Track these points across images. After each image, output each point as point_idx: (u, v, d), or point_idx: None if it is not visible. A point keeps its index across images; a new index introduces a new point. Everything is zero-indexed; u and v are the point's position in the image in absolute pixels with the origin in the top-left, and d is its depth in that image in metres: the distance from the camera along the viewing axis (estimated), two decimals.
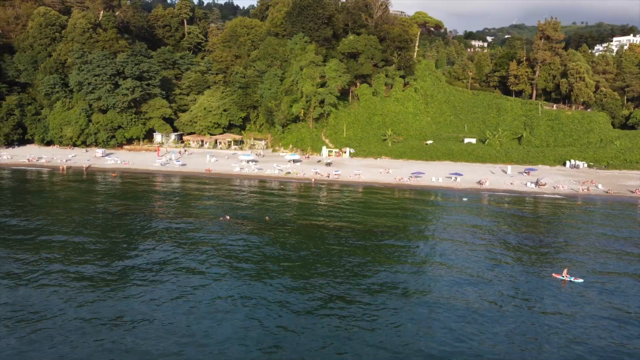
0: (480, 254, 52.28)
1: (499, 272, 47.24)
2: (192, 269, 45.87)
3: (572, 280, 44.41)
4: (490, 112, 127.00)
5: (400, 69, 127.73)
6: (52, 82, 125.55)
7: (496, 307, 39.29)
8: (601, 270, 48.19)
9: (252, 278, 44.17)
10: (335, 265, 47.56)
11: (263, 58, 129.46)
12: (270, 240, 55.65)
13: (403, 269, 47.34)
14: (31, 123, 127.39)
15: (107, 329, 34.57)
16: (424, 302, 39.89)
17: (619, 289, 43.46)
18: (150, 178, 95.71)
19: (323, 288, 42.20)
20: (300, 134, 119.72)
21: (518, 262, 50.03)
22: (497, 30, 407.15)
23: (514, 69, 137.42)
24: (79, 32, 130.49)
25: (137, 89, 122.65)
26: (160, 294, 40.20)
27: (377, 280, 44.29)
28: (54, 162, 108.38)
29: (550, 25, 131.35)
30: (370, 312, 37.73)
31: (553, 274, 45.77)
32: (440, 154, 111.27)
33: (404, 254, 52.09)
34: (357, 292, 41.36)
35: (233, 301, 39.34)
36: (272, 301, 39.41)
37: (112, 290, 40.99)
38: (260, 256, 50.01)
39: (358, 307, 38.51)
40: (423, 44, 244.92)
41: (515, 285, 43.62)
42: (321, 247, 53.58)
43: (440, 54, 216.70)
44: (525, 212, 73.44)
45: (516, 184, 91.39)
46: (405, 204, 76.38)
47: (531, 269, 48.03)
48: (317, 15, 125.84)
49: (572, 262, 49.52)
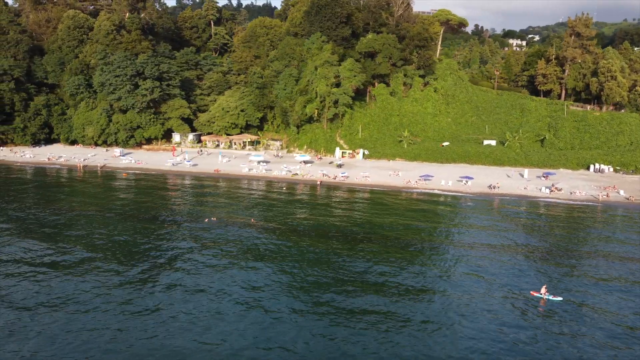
0: (460, 266, 49.53)
1: (469, 286, 44.49)
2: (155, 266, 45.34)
3: (550, 299, 41.15)
4: (513, 112, 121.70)
5: (419, 68, 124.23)
6: (76, 83, 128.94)
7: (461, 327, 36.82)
8: (585, 290, 44.63)
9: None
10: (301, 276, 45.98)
11: (281, 58, 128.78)
12: (244, 244, 54.53)
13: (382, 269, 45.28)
14: (57, 123, 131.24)
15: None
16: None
17: (598, 312, 39.94)
18: (157, 178, 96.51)
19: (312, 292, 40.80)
20: (315, 134, 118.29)
21: (496, 277, 47.01)
22: (542, 28, 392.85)
23: (542, 68, 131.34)
24: (103, 34, 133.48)
25: (156, 89, 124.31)
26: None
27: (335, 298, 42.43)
28: (72, 161, 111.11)
29: (581, 21, 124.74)
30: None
31: (531, 291, 42.56)
32: (456, 156, 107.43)
33: (382, 260, 49.90)
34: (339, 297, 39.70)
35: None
36: (278, 308, 38.48)
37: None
38: (228, 261, 48.99)
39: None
40: (457, 42, 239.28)
41: (489, 304, 40.75)
42: (293, 253, 52.07)
43: (473, 53, 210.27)
44: (529, 219, 69.50)
45: (530, 188, 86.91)
46: (405, 208, 73.71)
47: (510, 285, 44.97)
48: (335, 14, 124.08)
49: (552, 279, 46.02)
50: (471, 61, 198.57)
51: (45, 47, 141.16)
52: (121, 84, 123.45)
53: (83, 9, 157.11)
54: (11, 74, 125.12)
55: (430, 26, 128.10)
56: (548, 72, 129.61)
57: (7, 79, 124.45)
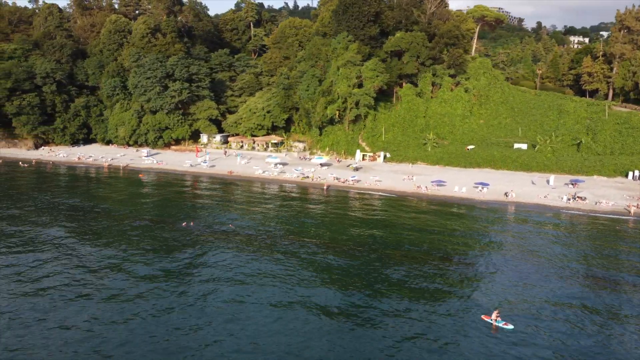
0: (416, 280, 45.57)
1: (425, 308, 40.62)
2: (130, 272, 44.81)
3: (500, 326, 36.61)
4: (549, 114, 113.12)
5: (450, 67, 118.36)
6: (112, 85, 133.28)
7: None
8: (540, 317, 39.61)
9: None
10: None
11: (307, 59, 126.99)
12: (207, 253, 53.11)
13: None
14: (95, 123, 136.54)
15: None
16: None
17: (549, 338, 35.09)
18: (170, 178, 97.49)
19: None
20: (337, 136, 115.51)
21: (447, 298, 42.77)
22: (612, 24, 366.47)
23: (588, 66, 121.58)
24: (138, 37, 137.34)
25: (185, 91, 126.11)
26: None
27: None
28: (99, 161, 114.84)
29: (631, 14, 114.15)
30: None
31: (482, 315, 38.12)
32: (480, 161, 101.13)
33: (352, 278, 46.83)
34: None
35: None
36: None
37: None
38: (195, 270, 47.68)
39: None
40: (513, 40, 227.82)
41: (437, 327, 36.89)
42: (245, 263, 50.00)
43: (525, 51, 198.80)
44: (533, 231, 63.52)
45: (551, 197, 79.92)
46: (398, 216, 69.65)
47: (460, 307, 40.71)
48: (363, 13, 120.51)
49: (503, 303, 41.07)
50: (523, 60, 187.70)
51: (88, 51, 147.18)
52: (151, 86, 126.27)
53: (127, 13, 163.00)
54: (53, 76, 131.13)
55: (463, 23, 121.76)
56: (594, 71, 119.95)
57: (49, 82, 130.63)
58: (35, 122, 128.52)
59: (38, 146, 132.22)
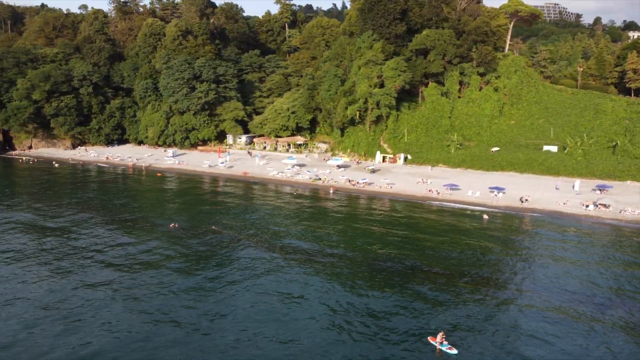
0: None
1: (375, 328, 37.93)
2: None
3: (444, 350, 33.35)
4: (585, 114, 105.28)
5: (479, 65, 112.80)
6: (144, 87, 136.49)
7: None
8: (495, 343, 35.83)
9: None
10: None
11: (333, 58, 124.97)
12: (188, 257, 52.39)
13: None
14: (129, 124, 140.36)
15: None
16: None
17: None
18: (185, 179, 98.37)
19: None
20: (358, 137, 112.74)
21: (389, 320, 39.69)
22: None
23: (632, 62, 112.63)
24: (169, 39, 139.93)
25: (211, 92, 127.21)
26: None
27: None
28: (125, 161, 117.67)
29: None
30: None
31: (429, 337, 34.89)
32: (504, 164, 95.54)
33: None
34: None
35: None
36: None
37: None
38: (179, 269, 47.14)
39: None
40: (565, 37, 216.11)
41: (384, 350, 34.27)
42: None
43: (575, 48, 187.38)
44: (538, 242, 58.80)
45: (571, 203, 74.02)
46: (396, 223, 66.52)
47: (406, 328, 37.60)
48: (388, 11, 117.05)
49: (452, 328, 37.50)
50: (571, 57, 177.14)
51: (125, 54, 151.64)
52: (179, 87, 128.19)
53: (165, 17, 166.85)
54: (90, 78, 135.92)
55: (494, 19, 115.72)
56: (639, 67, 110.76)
57: (86, 84, 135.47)
58: (72, 122, 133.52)
59: (75, 146, 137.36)
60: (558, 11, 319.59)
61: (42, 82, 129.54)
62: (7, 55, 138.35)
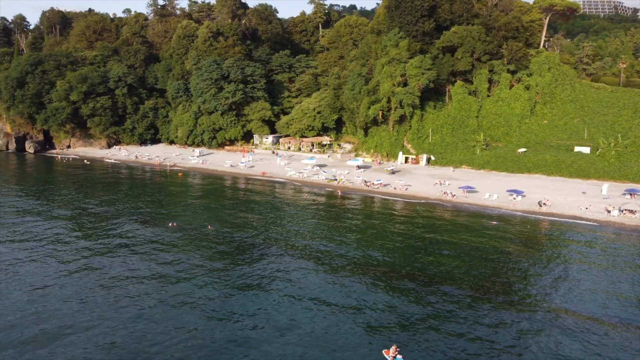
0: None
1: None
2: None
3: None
4: (623, 113, 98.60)
5: (510, 62, 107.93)
6: (176, 88, 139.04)
7: None
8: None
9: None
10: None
11: (360, 57, 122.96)
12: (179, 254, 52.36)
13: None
14: (162, 124, 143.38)
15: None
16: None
17: None
18: (203, 177, 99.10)
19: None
20: (381, 138, 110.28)
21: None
22: None
23: None
24: (201, 40, 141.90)
25: (238, 92, 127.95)
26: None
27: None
28: (153, 160, 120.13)
29: None
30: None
31: (384, 350, 32.86)
32: (531, 166, 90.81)
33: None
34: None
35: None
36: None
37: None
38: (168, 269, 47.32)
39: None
40: (616, 32, 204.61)
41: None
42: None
43: (626, 44, 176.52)
44: (543, 256, 55.10)
45: (594, 208, 69.22)
46: (398, 227, 64.15)
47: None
48: (416, 8, 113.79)
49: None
50: (621, 53, 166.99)
51: (160, 55, 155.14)
52: (207, 88, 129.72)
53: (200, 19, 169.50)
54: (125, 80, 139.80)
55: (527, 14, 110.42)
56: None
57: (121, 85, 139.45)
58: (107, 122, 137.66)
59: (110, 145, 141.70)
60: (613, 6, 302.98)
61: (80, 83, 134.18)
62: (49, 58, 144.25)
